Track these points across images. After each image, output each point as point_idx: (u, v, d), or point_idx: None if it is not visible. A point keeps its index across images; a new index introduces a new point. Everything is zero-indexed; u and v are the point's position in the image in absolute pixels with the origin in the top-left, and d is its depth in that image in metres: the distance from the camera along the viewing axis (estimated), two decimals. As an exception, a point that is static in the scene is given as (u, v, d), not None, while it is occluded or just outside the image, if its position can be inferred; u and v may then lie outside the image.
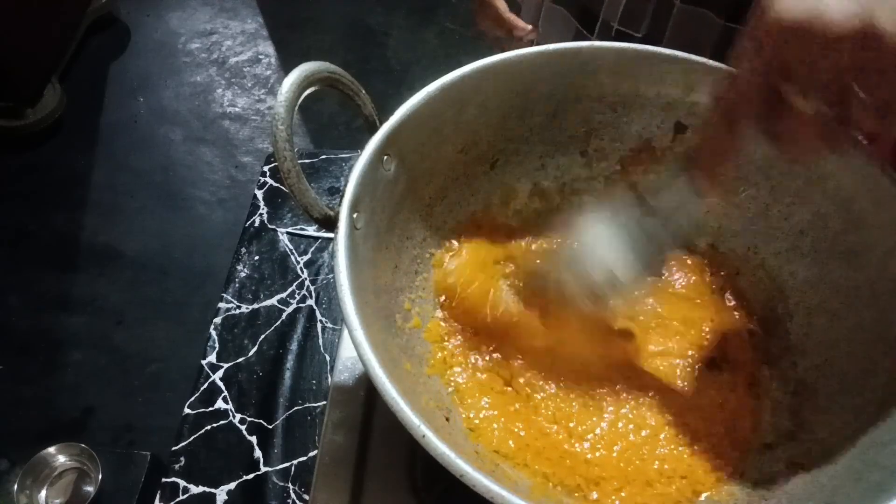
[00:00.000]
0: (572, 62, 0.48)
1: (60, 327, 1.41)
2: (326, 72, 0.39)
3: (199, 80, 1.89)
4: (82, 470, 0.99)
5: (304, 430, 0.56)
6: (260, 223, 0.70)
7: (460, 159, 0.50)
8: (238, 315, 0.63)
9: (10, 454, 1.00)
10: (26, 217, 1.59)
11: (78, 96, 1.81)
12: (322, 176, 0.74)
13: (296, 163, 0.37)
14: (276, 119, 0.36)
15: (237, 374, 0.60)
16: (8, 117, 1.68)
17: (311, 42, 1.99)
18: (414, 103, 0.43)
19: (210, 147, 1.73)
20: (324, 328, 0.62)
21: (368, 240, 0.41)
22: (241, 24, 2.03)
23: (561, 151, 0.53)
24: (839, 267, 0.45)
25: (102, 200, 1.63)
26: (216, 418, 0.57)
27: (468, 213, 0.53)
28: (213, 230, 1.56)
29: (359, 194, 0.39)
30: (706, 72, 0.47)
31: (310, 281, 0.65)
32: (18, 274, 1.49)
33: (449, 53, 1.94)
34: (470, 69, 0.46)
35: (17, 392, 1.31)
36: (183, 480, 0.54)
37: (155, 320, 1.41)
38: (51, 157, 1.71)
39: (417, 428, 0.30)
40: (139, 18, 2.05)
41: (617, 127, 0.52)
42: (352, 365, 0.55)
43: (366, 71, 1.87)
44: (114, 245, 1.54)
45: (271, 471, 0.54)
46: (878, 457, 0.36)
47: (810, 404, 0.44)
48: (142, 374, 1.33)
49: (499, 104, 0.49)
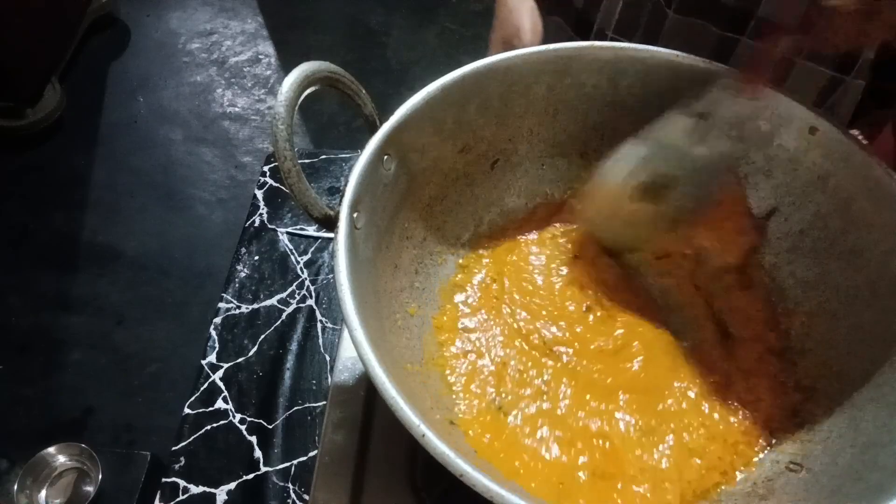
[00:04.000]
0: (572, 62, 0.48)
1: (60, 327, 1.41)
2: (326, 71, 0.39)
3: (199, 80, 1.89)
4: (82, 470, 0.99)
5: (304, 430, 0.56)
6: (260, 223, 0.70)
7: (460, 159, 0.50)
8: (238, 315, 0.63)
9: (10, 454, 1.00)
10: (26, 217, 1.59)
11: (78, 96, 1.81)
12: (322, 176, 0.74)
13: (296, 163, 0.37)
14: (277, 119, 0.36)
15: (237, 374, 0.60)
16: (8, 117, 1.68)
17: (311, 42, 1.99)
18: (414, 103, 0.43)
19: (210, 147, 1.73)
20: (324, 328, 0.62)
21: (368, 240, 0.41)
22: (241, 24, 2.03)
23: (561, 151, 0.53)
24: (839, 267, 0.45)
25: (102, 200, 1.63)
26: (216, 418, 0.57)
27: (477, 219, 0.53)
28: (213, 230, 1.56)
29: (359, 194, 0.39)
30: (706, 72, 0.47)
31: (310, 281, 0.65)
32: (18, 274, 1.49)
33: (449, 53, 1.93)
34: (470, 69, 0.46)
35: (17, 392, 1.31)
36: (183, 480, 0.54)
37: (155, 320, 1.41)
38: (51, 157, 1.71)
39: (417, 428, 0.30)
40: (139, 18, 2.05)
41: (617, 127, 0.52)
42: (352, 365, 0.55)
43: (366, 71, 1.87)
44: (114, 245, 1.54)
45: (271, 471, 0.54)
46: (878, 457, 0.36)
47: (810, 404, 0.44)
48: (142, 374, 1.33)
49: (499, 104, 0.49)
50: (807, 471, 0.40)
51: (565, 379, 0.46)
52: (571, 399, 0.45)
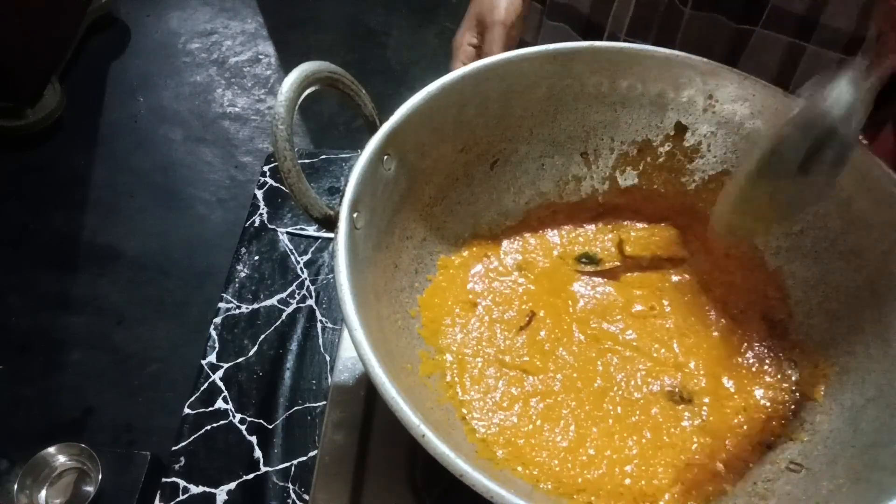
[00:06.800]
0: (572, 62, 0.48)
1: (60, 327, 1.41)
2: (326, 71, 0.39)
3: (199, 80, 1.89)
4: (82, 470, 0.99)
5: (304, 430, 0.56)
6: (260, 223, 0.70)
7: (460, 159, 0.50)
8: (238, 315, 0.63)
9: (10, 454, 1.00)
10: (26, 217, 1.59)
11: (78, 96, 1.81)
12: (322, 176, 0.74)
13: (296, 163, 0.37)
14: (276, 119, 0.36)
15: (237, 374, 0.60)
16: (8, 117, 1.68)
17: (311, 42, 1.99)
18: (414, 103, 0.43)
19: (210, 147, 1.73)
20: (324, 328, 0.62)
21: (368, 240, 0.41)
22: (241, 24, 2.03)
23: (560, 151, 0.53)
24: (839, 267, 0.45)
25: (102, 200, 1.63)
26: (216, 418, 0.57)
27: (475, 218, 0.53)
28: (213, 230, 1.56)
29: (359, 194, 0.39)
30: (707, 72, 0.47)
31: (310, 281, 0.65)
32: (18, 274, 1.49)
33: (449, 53, 1.93)
34: (470, 69, 0.46)
35: (17, 392, 1.31)
36: (183, 480, 0.54)
37: (155, 320, 1.41)
38: (51, 157, 1.71)
39: (417, 428, 0.30)
40: (139, 18, 2.05)
41: (617, 127, 0.52)
42: (352, 365, 0.55)
43: (366, 71, 1.87)
44: (114, 245, 1.54)
45: (271, 471, 0.54)
46: (878, 457, 0.36)
47: (810, 404, 0.44)
48: (142, 374, 1.33)
49: (499, 104, 0.49)
50: (807, 471, 0.40)
51: (565, 377, 0.46)
52: (571, 393, 0.46)
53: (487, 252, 0.53)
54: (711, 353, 0.48)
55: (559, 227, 0.55)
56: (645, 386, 0.46)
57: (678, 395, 0.46)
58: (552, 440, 0.43)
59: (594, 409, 0.45)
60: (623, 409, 0.45)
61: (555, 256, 0.54)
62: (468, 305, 0.50)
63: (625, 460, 0.43)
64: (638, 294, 0.51)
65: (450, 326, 0.49)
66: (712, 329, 0.49)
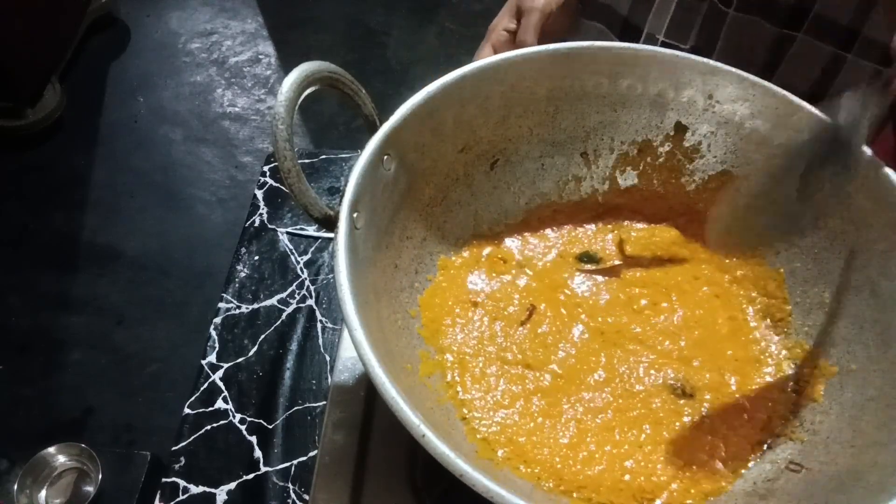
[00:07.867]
0: (572, 62, 0.48)
1: (60, 327, 1.40)
2: (326, 71, 0.39)
3: (199, 80, 1.89)
4: (82, 470, 0.99)
5: (304, 430, 0.56)
6: (260, 223, 0.70)
7: (460, 159, 0.50)
8: (238, 315, 0.63)
9: (10, 454, 0.99)
10: (26, 217, 1.59)
11: (78, 96, 1.81)
12: (322, 176, 0.74)
13: (296, 162, 0.37)
14: (276, 119, 0.36)
15: (237, 374, 0.60)
16: (8, 117, 1.68)
17: (311, 42, 1.99)
18: (414, 103, 0.43)
19: (210, 147, 1.73)
20: (324, 328, 0.62)
21: (368, 240, 0.41)
22: (241, 24, 2.03)
23: (560, 151, 0.53)
24: (839, 267, 0.45)
25: (102, 200, 1.63)
26: (216, 418, 0.57)
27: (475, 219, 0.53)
28: (213, 230, 1.56)
29: (359, 194, 0.39)
30: (707, 72, 0.47)
31: (310, 281, 0.65)
32: (18, 274, 1.49)
33: (449, 53, 1.93)
34: (470, 69, 0.46)
35: (17, 392, 1.31)
36: (183, 480, 0.54)
37: (155, 320, 1.41)
38: (51, 157, 1.71)
39: (417, 428, 0.30)
40: (139, 18, 2.05)
41: (616, 127, 0.52)
42: (352, 365, 0.55)
43: (366, 71, 1.87)
44: (114, 245, 1.54)
45: (271, 471, 0.54)
46: (878, 457, 0.36)
47: (810, 404, 0.44)
48: (142, 374, 1.33)
49: (499, 104, 0.49)
50: (807, 471, 0.40)
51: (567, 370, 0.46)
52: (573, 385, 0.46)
53: (488, 252, 0.53)
54: (717, 349, 0.48)
55: (559, 226, 0.55)
56: (647, 378, 0.46)
57: (680, 389, 0.46)
58: (553, 437, 0.44)
59: (594, 400, 0.45)
60: (624, 400, 0.45)
61: (555, 255, 0.54)
62: (468, 305, 0.50)
63: (624, 456, 0.43)
64: (642, 290, 0.51)
65: (450, 326, 0.49)
66: (718, 326, 0.49)
